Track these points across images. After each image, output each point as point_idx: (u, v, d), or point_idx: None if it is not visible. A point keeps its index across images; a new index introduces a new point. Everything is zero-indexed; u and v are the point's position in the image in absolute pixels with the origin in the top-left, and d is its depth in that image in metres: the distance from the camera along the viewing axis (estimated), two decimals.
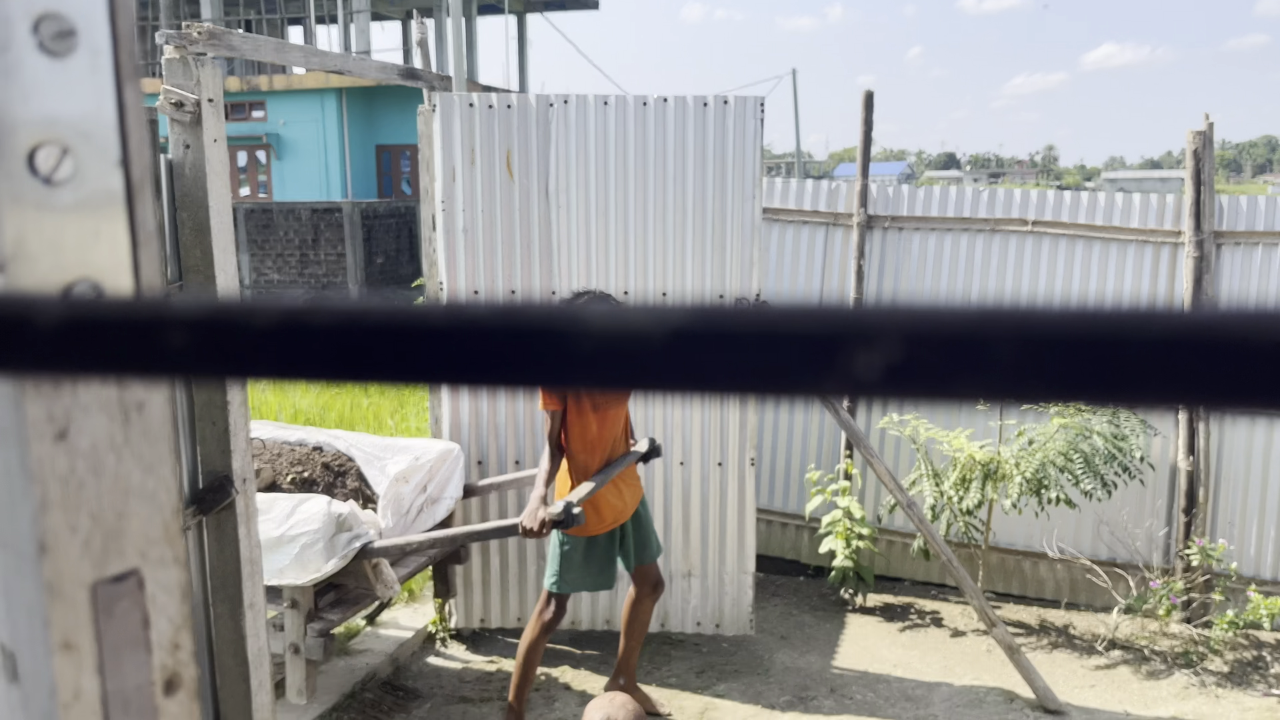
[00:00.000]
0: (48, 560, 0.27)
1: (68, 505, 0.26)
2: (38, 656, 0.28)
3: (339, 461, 4.63)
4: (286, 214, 18.87)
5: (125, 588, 0.29)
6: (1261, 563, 5.35)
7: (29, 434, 0.25)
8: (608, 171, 4.66)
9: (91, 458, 0.27)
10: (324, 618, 3.91)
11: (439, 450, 4.54)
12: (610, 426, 3.96)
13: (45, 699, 0.29)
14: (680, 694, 4.55)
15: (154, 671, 0.30)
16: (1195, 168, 5.26)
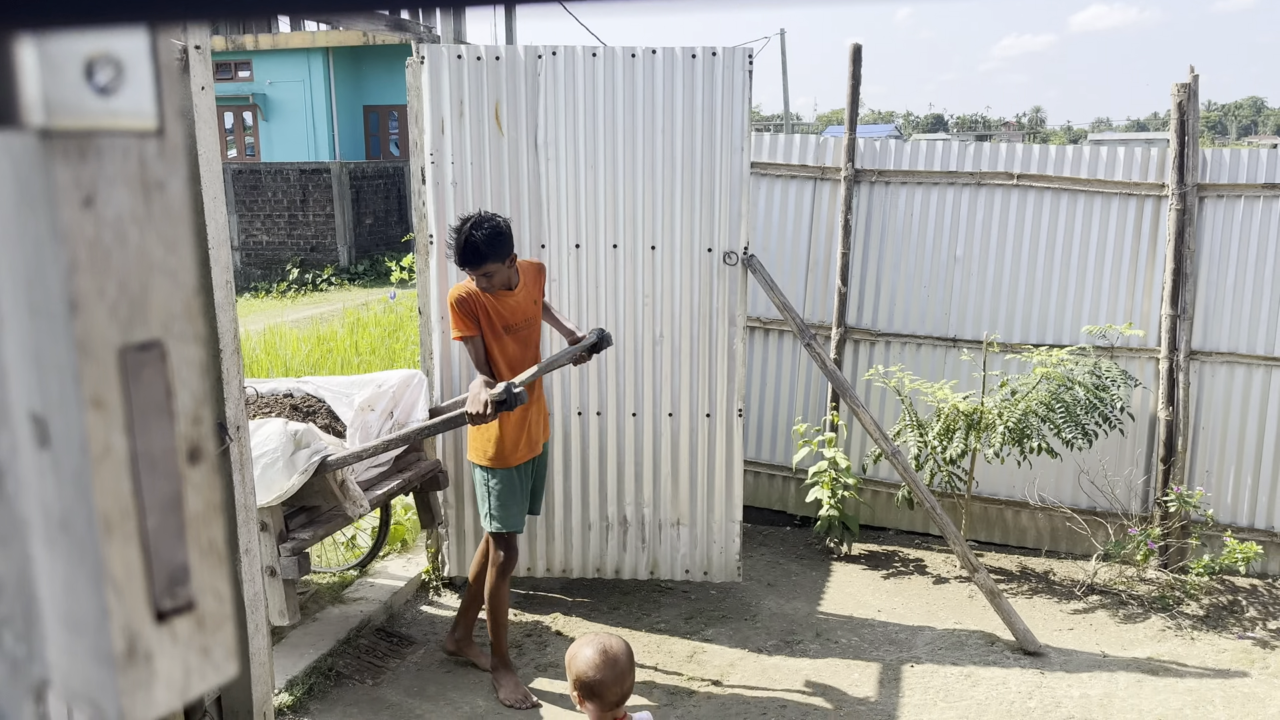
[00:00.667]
0: (78, 319, 0.31)
1: (95, 269, 0.31)
2: (69, 414, 0.33)
3: (308, 403, 4.73)
4: (274, 175, 18.76)
5: (150, 356, 0.34)
6: (1238, 509, 5.46)
7: (58, 198, 0.29)
8: (596, 124, 4.68)
9: (116, 227, 0.31)
10: (295, 537, 3.99)
11: (402, 377, 4.66)
12: (530, 346, 4.02)
13: (77, 455, 0.33)
14: (669, 638, 4.65)
15: (178, 439, 0.35)
16: (1180, 120, 5.30)
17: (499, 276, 3.89)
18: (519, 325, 3.99)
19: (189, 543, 0.34)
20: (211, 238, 3.31)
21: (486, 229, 3.83)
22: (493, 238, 3.82)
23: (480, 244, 3.82)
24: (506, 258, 3.86)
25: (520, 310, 4.01)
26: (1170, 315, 5.37)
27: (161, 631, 0.34)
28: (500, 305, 3.94)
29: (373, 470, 4.50)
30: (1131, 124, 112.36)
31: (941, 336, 5.83)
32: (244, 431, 3.57)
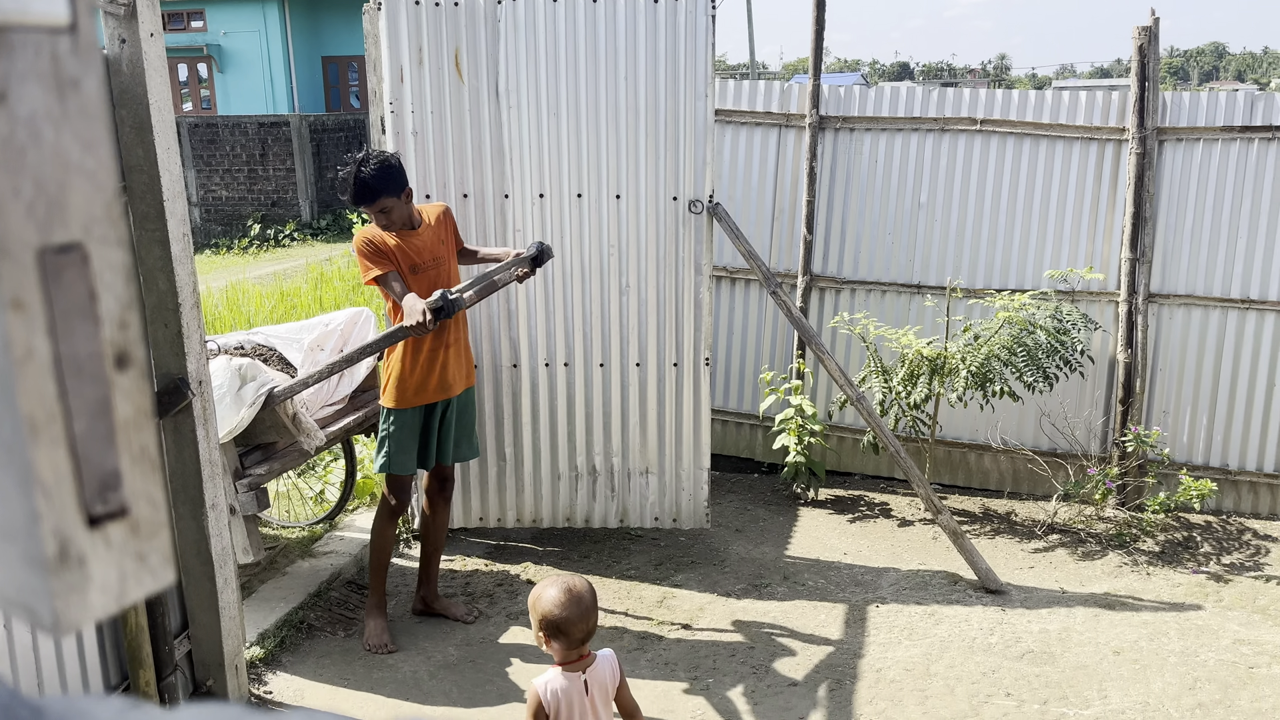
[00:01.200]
0: None
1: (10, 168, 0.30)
2: None
3: (260, 352, 4.71)
4: (232, 128, 18.39)
5: (71, 259, 0.33)
6: (1194, 448, 5.59)
7: None
8: (559, 70, 4.62)
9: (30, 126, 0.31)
10: (251, 473, 4.00)
11: (349, 314, 4.69)
12: (439, 286, 3.93)
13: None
14: (639, 585, 4.70)
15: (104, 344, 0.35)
16: (1141, 64, 5.32)
17: (397, 213, 3.88)
18: (426, 265, 3.94)
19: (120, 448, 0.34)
20: (166, 189, 3.25)
21: (374, 164, 3.83)
22: (382, 172, 3.82)
23: (370, 179, 3.82)
24: (400, 192, 3.86)
25: (427, 250, 3.96)
26: (1130, 259, 5.43)
27: (94, 536, 0.34)
28: (405, 245, 3.91)
29: (328, 409, 4.53)
30: (1095, 70, 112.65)
31: (906, 283, 5.87)
32: (206, 386, 3.54)
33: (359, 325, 4.69)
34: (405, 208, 3.90)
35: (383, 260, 3.85)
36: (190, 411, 3.45)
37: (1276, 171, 5.25)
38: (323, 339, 4.55)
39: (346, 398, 4.63)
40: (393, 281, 3.84)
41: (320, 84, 23.00)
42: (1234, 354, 5.45)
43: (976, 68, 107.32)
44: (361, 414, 4.59)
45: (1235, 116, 5.29)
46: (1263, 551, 5.09)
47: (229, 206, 18.59)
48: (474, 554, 5.01)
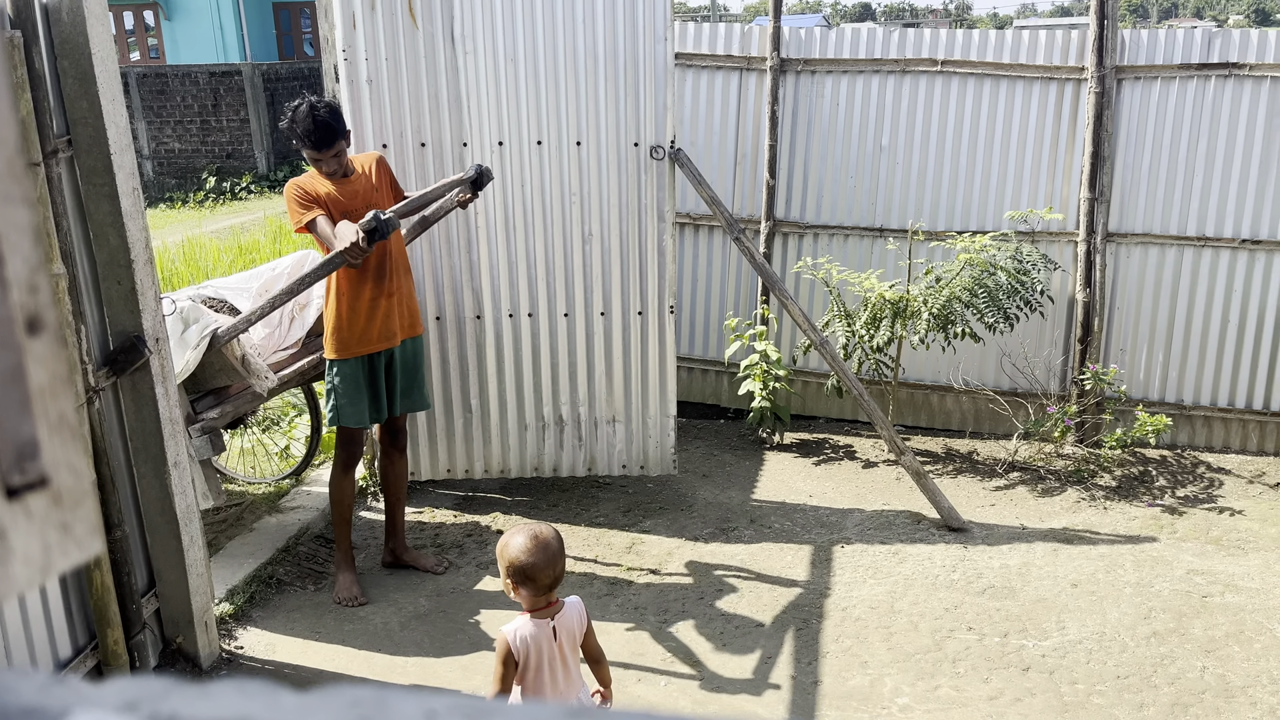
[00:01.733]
0: None
1: None
2: None
3: (211, 304, 4.65)
4: (182, 78, 17.90)
5: None
6: (1150, 385, 5.69)
7: None
8: (515, 15, 4.53)
9: None
10: (203, 417, 3.97)
11: (295, 258, 4.67)
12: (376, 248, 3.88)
13: None
14: (608, 531, 4.74)
15: (13, 309, 0.34)
16: (1099, 1, 5.30)
17: (341, 159, 3.86)
18: (359, 211, 3.86)
19: (36, 417, 0.33)
20: (113, 142, 3.17)
21: (326, 107, 3.78)
22: (336, 114, 3.79)
23: (331, 120, 3.77)
24: (348, 136, 3.85)
25: (359, 196, 3.91)
26: (1088, 198, 5.47)
27: (14, 508, 0.33)
28: (338, 192, 3.88)
29: (281, 353, 4.50)
30: (1056, 9, 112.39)
31: (868, 227, 5.88)
32: (164, 343, 3.49)
33: (306, 266, 4.64)
34: (345, 155, 3.88)
35: (313, 206, 3.81)
36: (148, 369, 3.40)
37: (1233, 109, 5.29)
38: (269, 284, 4.51)
39: (300, 341, 4.59)
40: (324, 225, 3.79)
41: (272, 31, 22.41)
42: (1189, 291, 5.53)
43: (938, 8, 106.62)
44: (316, 356, 4.55)
45: (1193, 54, 5.31)
46: (1216, 484, 5.22)
47: (182, 159, 18.17)
48: (442, 505, 5.02)
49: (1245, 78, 5.24)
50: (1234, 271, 5.45)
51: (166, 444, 3.47)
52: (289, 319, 4.55)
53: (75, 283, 3.13)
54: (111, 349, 3.35)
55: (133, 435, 3.47)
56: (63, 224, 3.04)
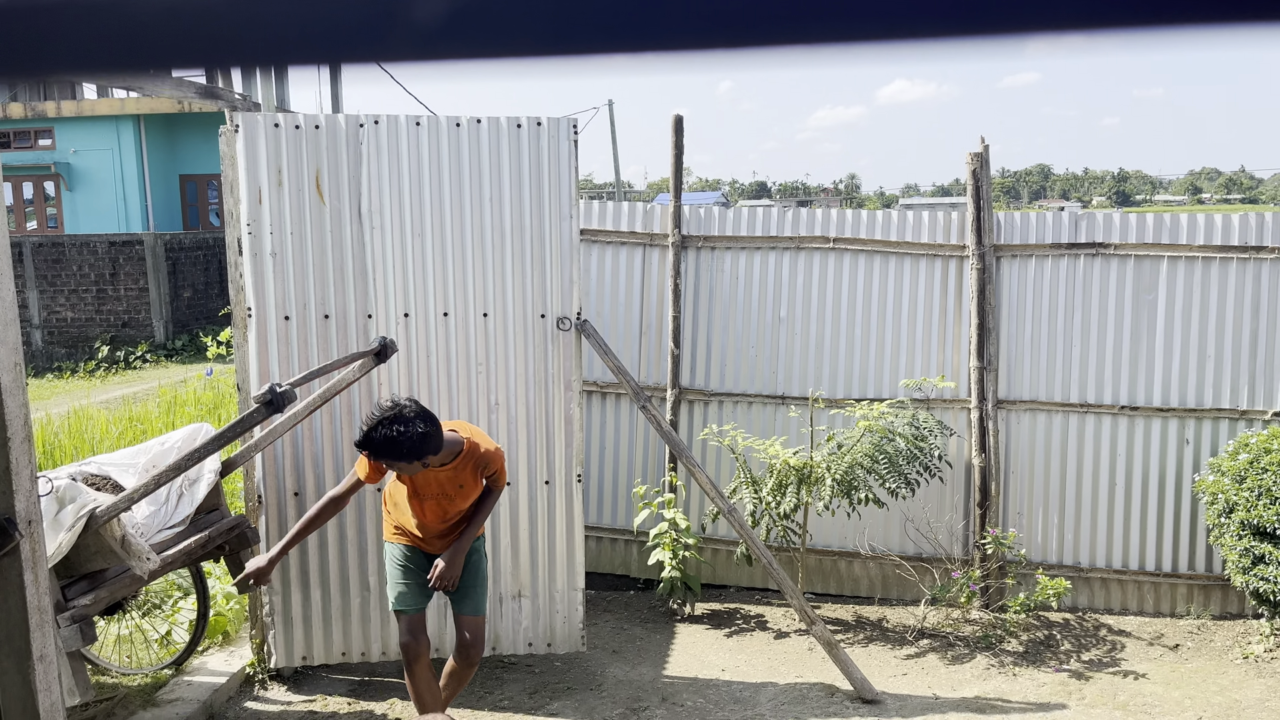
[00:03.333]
0: None
1: None
2: None
3: (93, 483, 4.41)
4: (80, 247, 17.64)
5: None
6: (1048, 548, 5.81)
7: None
8: (423, 192, 4.63)
9: None
10: (75, 604, 3.68)
11: (187, 431, 4.47)
12: (446, 518, 3.92)
13: None
14: (513, 716, 4.51)
15: None
16: (975, 187, 5.71)
17: (410, 470, 3.76)
18: (428, 495, 3.88)
19: None
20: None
21: (391, 431, 3.60)
22: (390, 444, 3.60)
23: (379, 443, 3.64)
24: (412, 460, 3.65)
25: (433, 483, 3.86)
26: (978, 367, 5.72)
27: None
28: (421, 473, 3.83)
29: (167, 532, 4.23)
30: (937, 189, 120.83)
31: (771, 394, 6.00)
32: (37, 526, 3.27)
33: (198, 440, 4.44)
34: (419, 467, 3.76)
35: (375, 474, 3.93)
36: (18, 554, 3.17)
37: (1102, 285, 5.66)
38: (159, 459, 4.28)
39: (188, 518, 4.32)
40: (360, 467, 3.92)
41: (177, 202, 22.43)
42: (1077, 456, 5.75)
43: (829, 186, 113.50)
44: (205, 534, 4.30)
45: (1062, 234, 5.71)
46: (1118, 647, 5.28)
47: (74, 328, 17.69)
48: (336, 692, 4.72)
49: (1111, 256, 5.65)
50: (1116, 436, 5.70)
51: (33, 635, 3.20)
52: (176, 495, 4.32)
53: None
54: None
55: None
56: None
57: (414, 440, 3.57)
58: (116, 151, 21.33)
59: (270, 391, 3.54)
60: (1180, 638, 5.39)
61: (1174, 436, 5.66)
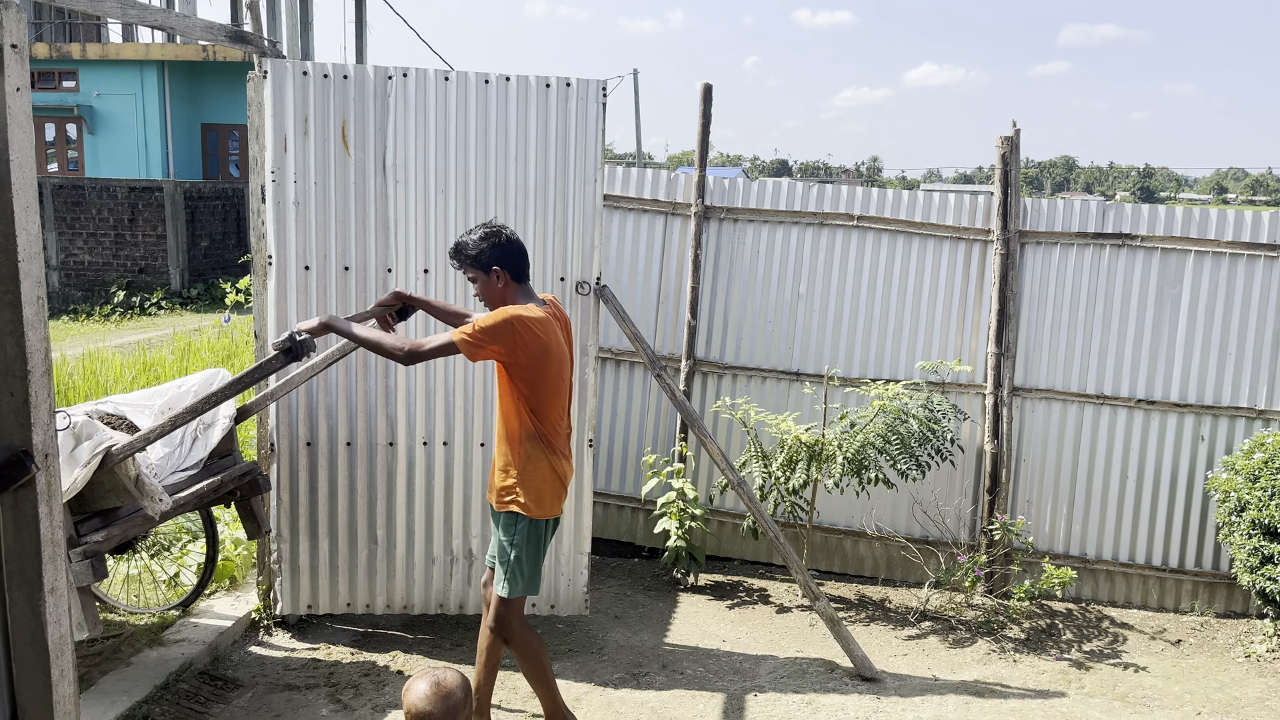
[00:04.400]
0: None
1: None
2: None
3: (110, 421, 4.43)
4: (100, 191, 17.66)
5: None
6: (1055, 537, 5.80)
7: None
8: (448, 148, 4.60)
9: None
10: (87, 541, 3.71)
11: (203, 376, 4.45)
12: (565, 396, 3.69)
13: None
14: (514, 674, 4.53)
15: None
16: (1003, 171, 5.65)
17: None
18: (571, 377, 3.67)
19: None
20: (22, 249, 3.06)
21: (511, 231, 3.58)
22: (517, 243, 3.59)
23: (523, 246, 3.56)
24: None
25: (565, 340, 3.66)
26: (995, 353, 5.68)
27: None
28: (552, 329, 3.54)
29: (180, 474, 4.24)
30: (959, 176, 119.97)
31: (785, 370, 5.99)
32: (53, 460, 3.30)
33: (215, 385, 4.41)
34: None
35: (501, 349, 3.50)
36: (33, 486, 3.20)
37: (1126, 276, 5.61)
38: (175, 401, 4.28)
39: (201, 462, 4.33)
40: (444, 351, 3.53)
41: (198, 151, 22.43)
42: (1090, 447, 5.72)
43: (851, 168, 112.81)
44: (217, 479, 4.30)
45: (1089, 224, 5.66)
46: (1120, 639, 5.28)
47: (91, 271, 17.75)
48: (340, 642, 4.76)
49: (1138, 248, 5.59)
50: (1131, 430, 5.67)
51: (45, 568, 3.23)
52: (191, 438, 4.33)
53: None
54: None
55: (8, 557, 3.23)
56: None
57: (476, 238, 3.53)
58: (140, 97, 21.31)
59: (290, 339, 3.54)
60: (1183, 633, 5.39)
61: (1189, 432, 5.63)
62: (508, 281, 3.53)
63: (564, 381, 3.60)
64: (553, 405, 3.55)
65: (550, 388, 3.52)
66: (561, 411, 3.61)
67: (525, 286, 3.60)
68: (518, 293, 3.56)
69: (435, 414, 4.76)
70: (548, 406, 3.54)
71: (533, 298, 3.60)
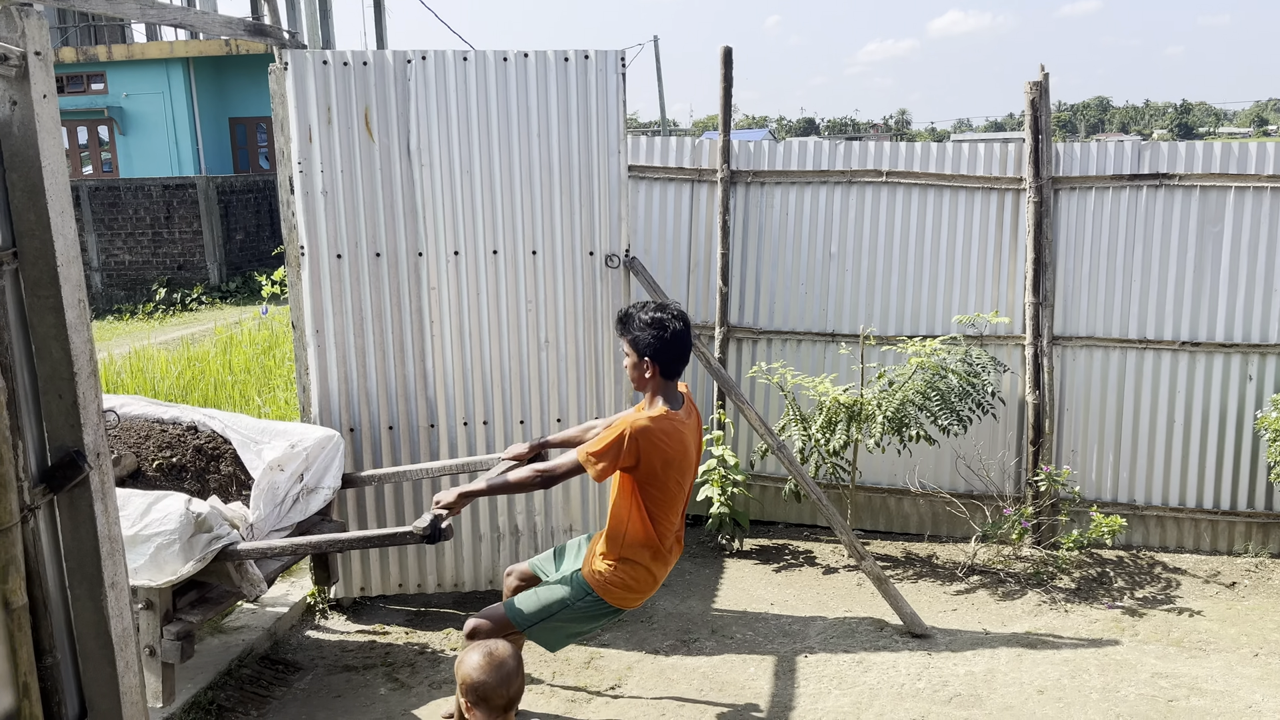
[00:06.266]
0: None
1: None
2: None
3: (213, 444, 4.40)
4: (135, 191, 17.92)
5: None
6: (1102, 485, 5.74)
7: None
8: (470, 128, 4.61)
9: None
10: (182, 619, 3.71)
11: (317, 437, 4.27)
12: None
13: None
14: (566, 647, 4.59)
15: None
16: (1034, 117, 5.54)
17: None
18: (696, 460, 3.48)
19: None
20: (60, 254, 3.12)
21: (684, 319, 3.37)
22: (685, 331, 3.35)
23: (690, 340, 3.36)
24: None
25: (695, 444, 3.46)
26: (1033, 303, 5.61)
27: None
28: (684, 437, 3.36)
29: (275, 535, 4.09)
30: (990, 124, 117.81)
31: (820, 332, 5.96)
32: (104, 458, 3.37)
33: (326, 451, 4.29)
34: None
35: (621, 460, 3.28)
36: (87, 485, 3.28)
37: (1165, 217, 5.50)
38: (285, 460, 4.09)
39: (294, 525, 4.19)
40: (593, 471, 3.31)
41: (228, 145, 22.63)
42: (1135, 392, 5.64)
43: (879, 123, 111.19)
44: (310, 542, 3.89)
45: (1124, 166, 5.54)
46: (1173, 584, 5.23)
47: (132, 270, 18.05)
48: (394, 622, 4.85)
49: (1176, 187, 5.47)
50: (1176, 373, 5.58)
51: (104, 564, 3.32)
52: (293, 499, 4.15)
53: (14, 397, 3.04)
54: (50, 464, 3.24)
55: (68, 555, 3.33)
56: (4, 336, 2.97)
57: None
58: (167, 95, 21.52)
59: (432, 525, 3.37)
60: (1237, 575, 5.32)
61: (1236, 372, 5.52)
62: (655, 374, 3.35)
63: (683, 490, 3.44)
64: (667, 515, 3.40)
65: (669, 498, 3.37)
66: (675, 519, 3.46)
67: (671, 384, 3.41)
68: (660, 389, 3.38)
69: (474, 394, 4.80)
70: (662, 515, 3.38)
71: (673, 395, 3.39)
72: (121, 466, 4.36)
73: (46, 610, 3.15)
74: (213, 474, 4.35)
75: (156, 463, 4.33)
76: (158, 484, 4.27)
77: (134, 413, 4.53)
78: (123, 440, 4.46)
